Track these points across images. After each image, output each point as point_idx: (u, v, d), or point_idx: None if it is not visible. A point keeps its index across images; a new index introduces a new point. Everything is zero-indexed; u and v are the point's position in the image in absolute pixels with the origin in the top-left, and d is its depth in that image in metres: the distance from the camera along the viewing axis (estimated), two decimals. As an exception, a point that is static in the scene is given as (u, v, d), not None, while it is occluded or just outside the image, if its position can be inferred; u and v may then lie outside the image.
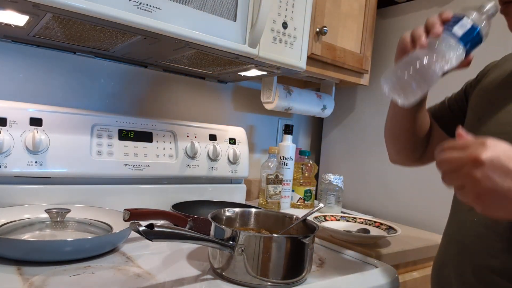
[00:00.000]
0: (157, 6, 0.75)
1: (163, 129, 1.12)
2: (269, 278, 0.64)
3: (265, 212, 0.84)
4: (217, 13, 0.84)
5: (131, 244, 0.79)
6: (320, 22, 1.17)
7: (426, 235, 1.12)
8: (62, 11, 0.69)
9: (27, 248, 0.64)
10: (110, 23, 0.73)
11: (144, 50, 0.97)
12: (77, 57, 1.09)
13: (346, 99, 1.56)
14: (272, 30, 0.94)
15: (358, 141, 1.50)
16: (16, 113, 0.89)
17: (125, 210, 0.79)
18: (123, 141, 1.03)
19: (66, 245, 0.66)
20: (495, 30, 0.74)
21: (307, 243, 0.67)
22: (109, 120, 1.02)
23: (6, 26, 0.83)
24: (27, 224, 0.80)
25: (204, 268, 0.71)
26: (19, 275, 0.59)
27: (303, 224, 0.78)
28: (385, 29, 1.44)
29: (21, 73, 1.01)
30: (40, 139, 0.88)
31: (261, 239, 0.64)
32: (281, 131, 1.54)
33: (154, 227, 0.54)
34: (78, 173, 0.95)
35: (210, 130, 1.22)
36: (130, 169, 1.02)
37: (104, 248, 0.72)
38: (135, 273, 0.64)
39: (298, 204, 1.39)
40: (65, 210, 0.81)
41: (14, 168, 0.86)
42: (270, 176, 1.25)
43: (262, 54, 0.92)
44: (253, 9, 0.89)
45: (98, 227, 0.82)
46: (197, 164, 1.15)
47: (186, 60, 1.04)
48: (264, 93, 1.34)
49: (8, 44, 0.98)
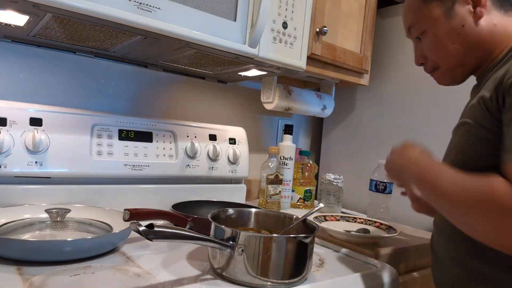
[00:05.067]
0: (157, 6, 0.75)
1: (163, 129, 1.12)
2: (269, 278, 0.64)
3: (265, 212, 0.84)
4: (217, 13, 0.84)
5: (131, 244, 0.79)
6: (320, 22, 1.17)
7: (426, 235, 1.12)
8: (62, 11, 0.69)
9: (27, 248, 0.64)
10: (110, 23, 0.73)
11: (144, 50, 0.97)
12: (77, 57, 1.09)
13: (346, 99, 1.56)
14: (272, 30, 0.94)
15: (358, 141, 1.50)
16: (16, 113, 0.89)
17: (125, 210, 0.79)
18: (123, 141, 1.03)
19: (66, 245, 0.66)
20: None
21: (307, 243, 0.67)
22: (109, 120, 1.02)
23: (6, 26, 0.83)
24: (27, 224, 0.80)
25: (204, 268, 0.71)
26: (19, 275, 0.59)
27: (303, 224, 0.78)
28: (385, 29, 1.44)
29: (21, 73, 1.01)
30: (40, 139, 0.88)
31: (261, 239, 0.64)
32: (281, 131, 1.54)
33: (154, 227, 0.54)
34: (78, 173, 0.95)
35: (210, 130, 1.22)
36: (130, 169, 1.02)
37: (104, 248, 0.72)
38: (135, 273, 0.64)
39: (298, 204, 1.39)
40: (65, 210, 0.81)
41: (14, 168, 0.86)
42: (270, 176, 1.25)
43: (262, 54, 0.92)
44: (253, 9, 0.89)
45: (98, 227, 0.82)
46: (197, 164, 1.15)
47: (186, 60, 1.04)
48: (264, 93, 1.34)
49: (8, 44, 0.98)
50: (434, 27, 0.72)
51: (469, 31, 0.69)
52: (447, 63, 0.73)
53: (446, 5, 0.70)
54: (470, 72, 0.74)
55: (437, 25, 0.71)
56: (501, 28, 0.69)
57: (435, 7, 0.71)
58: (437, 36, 0.72)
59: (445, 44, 0.71)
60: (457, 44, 0.70)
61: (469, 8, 0.69)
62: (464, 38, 0.70)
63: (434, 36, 0.72)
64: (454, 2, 0.69)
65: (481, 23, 0.69)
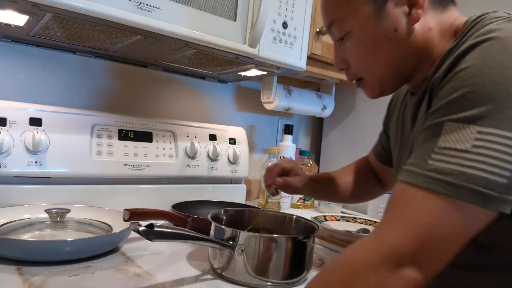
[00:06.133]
0: (157, 6, 0.75)
1: (163, 129, 1.12)
2: (269, 278, 0.64)
3: (265, 212, 0.84)
4: (217, 13, 0.84)
5: (131, 244, 0.79)
6: (320, 22, 1.17)
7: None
8: (62, 11, 0.69)
9: (27, 248, 0.64)
10: (110, 23, 0.73)
11: (144, 50, 0.97)
12: (77, 57, 1.09)
13: (346, 99, 1.56)
14: (272, 30, 0.94)
15: (358, 141, 1.50)
16: (16, 113, 0.89)
17: (125, 210, 0.79)
18: (123, 141, 1.03)
19: (66, 245, 0.66)
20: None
21: (307, 243, 0.67)
22: (109, 120, 1.02)
23: (6, 26, 0.83)
24: (27, 224, 0.80)
25: (204, 268, 0.71)
26: (19, 275, 0.59)
27: (303, 224, 0.78)
28: (385, 29, 1.44)
29: (21, 73, 1.01)
30: (40, 139, 0.88)
31: (261, 239, 0.64)
32: (281, 131, 1.54)
33: (154, 227, 0.54)
34: (78, 173, 0.95)
35: (210, 130, 1.22)
36: (130, 169, 1.02)
37: (104, 248, 0.72)
38: (135, 273, 0.64)
39: (298, 204, 1.38)
40: (65, 210, 0.81)
41: (14, 168, 0.86)
42: (270, 176, 1.25)
43: (262, 54, 0.92)
44: (253, 9, 0.89)
45: (98, 227, 0.82)
46: (197, 164, 1.15)
47: (186, 60, 1.04)
48: (264, 93, 1.34)
49: (8, 44, 0.98)
50: (360, 29, 0.58)
51: (402, 37, 0.57)
52: (373, 73, 0.62)
53: (377, 3, 0.56)
54: (401, 83, 0.63)
55: (365, 26, 0.58)
56: (437, 31, 0.58)
57: (363, 4, 0.57)
58: (364, 41, 0.59)
59: (373, 51, 0.59)
60: (387, 52, 0.58)
61: (404, 9, 0.56)
62: (395, 45, 0.57)
63: (360, 40, 0.59)
64: (386, 0, 0.56)
65: (416, 27, 0.57)
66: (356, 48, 0.60)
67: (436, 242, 0.42)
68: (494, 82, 0.42)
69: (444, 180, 0.42)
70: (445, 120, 0.45)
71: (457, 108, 0.44)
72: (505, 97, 0.42)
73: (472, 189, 0.41)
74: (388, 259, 0.42)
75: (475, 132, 0.42)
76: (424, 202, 0.43)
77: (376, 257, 0.43)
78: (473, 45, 0.47)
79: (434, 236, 0.42)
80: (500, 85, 0.42)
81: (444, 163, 0.43)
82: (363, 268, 0.43)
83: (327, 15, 0.63)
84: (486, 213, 0.43)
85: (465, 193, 0.41)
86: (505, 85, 0.42)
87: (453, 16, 0.59)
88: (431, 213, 0.42)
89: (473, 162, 0.42)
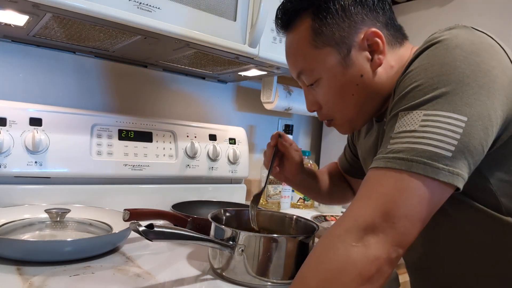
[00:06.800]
0: (157, 6, 0.75)
1: (163, 129, 1.12)
2: (269, 278, 0.64)
3: (265, 212, 0.84)
4: (217, 13, 0.84)
5: (131, 244, 0.79)
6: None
7: (426, 235, 1.12)
8: (62, 11, 0.69)
9: (27, 248, 0.64)
10: (110, 23, 0.73)
11: (144, 50, 0.97)
12: (77, 57, 1.09)
13: (346, 99, 1.56)
14: (272, 30, 0.94)
15: (358, 141, 1.50)
16: (16, 113, 0.89)
17: (125, 210, 0.79)
18: (123, 141, 1.03)
19: (66, 245, 0.66)
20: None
21: (307, 243, 0.67)
22: (109, 120, 1.02)
23: (6, 26, 0.83)
24: (27, 224, 0.80)
25: (204, 268, 0.71)
26: (19, 275, 0.59)
27: (303, 224, 0.78)
28: (385, 29, 1.44)
29: (21, 73, 1.01)
30: (40, 139, 0.88)
31: (261, 239, 0.64)
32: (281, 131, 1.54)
33: (154, 227, 0.54)
34: (78, 173, 0.95)
35: (210, 130, 1.21)
36: (130, 169, 1.02)
37: (104, 248, 0.71)
38: (135, 273, 0.64)
39: (298, 204, 1.38)
40: (65, 210, 0.81)
41: (14, 168, 0.86)
42: (270, 176, 1.25)
43: (262, 54, 0.92)
44: (253, 9, 0.89)
45: (98, 227, 0.82)
46: (197, 164, 1.15)
47: (186, 60, 1.04)
48: (264, 93, 1.34)
49: (8, 44, 0.98)
50: (329, 77, 0.63)
51: (368, 81, 0.62)
52: (345, 114, 0.66)
53: (342, 52, 0.61)
54: (370, 118, 0.68)
55: (333, 74, 0.62)
56: (398, 67, 0.62)
57: (329, 54, 0.61)
58: (333, 87, 0.63)
59: (342, 95, 0.64)
60: (356, 95, 0.63)
61: (366, 55, 0.61)
62: (362, 88, 0.62)
63: (330, 86, 0.64)
64: (350, 49, 0.60)
65: (379, 70, 0.62)
66: (327, 94, 0.65)
67: (394, 209, 0.46)
68: (435, 76, 0.49)
69: (398, 157, 0.48)
70: (398, 111, 0.51)
71: (407, 100, 0.51)
72: (446, 85, 0.48)
73: (421, 161, 0.46)
74: (352, 229, 0.47)
75: (421, 115, 0.48)
76: (383, 178, 0.49)
77: (342, 228, 0.48)
78: (420, 51, 0.53)
79: (393, 206, 0.47)
80: (441, 77, 0.48)
81: (398, 144, 0.49)
82: (332, 240, 0.49)
83: (295, 65, 0.67)
84: (440, 185, 0.47)
85: (415, 165, 0.46)
86: (445, 77, 0.48)
87: (409, 48, 0.65)
88: (388, 185, 0.48)
89: (420, 138, 0.47)
